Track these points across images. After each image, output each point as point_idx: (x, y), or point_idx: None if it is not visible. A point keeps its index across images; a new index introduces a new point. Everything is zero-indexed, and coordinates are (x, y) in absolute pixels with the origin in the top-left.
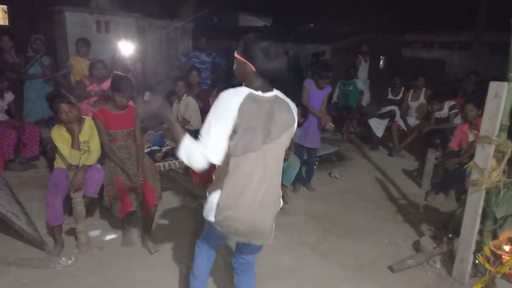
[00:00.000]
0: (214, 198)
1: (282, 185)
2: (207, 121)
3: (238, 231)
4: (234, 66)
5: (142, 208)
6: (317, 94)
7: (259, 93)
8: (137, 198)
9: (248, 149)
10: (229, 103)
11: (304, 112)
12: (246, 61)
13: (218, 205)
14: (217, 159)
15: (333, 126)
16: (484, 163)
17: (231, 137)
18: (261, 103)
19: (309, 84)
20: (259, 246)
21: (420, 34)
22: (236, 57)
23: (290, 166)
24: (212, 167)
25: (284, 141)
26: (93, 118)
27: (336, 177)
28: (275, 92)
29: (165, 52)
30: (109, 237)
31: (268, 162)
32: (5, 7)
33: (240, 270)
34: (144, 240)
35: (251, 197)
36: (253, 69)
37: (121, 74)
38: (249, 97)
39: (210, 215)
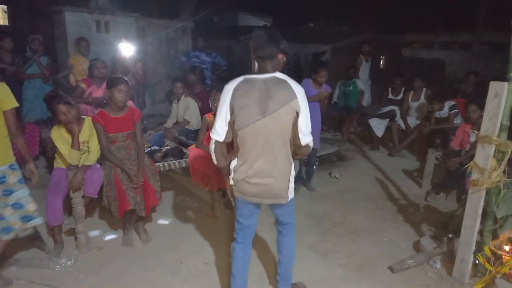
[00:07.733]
0: (232, 164)
1: None
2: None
3: (251, 192)
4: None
5: (143, 208)
6: (315, 92)
7: (254, 76)
8: (135, 197)
9: (245, 123)
10: (225, 92)
11: None
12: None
13: (233, 169)
14: (221, 138)
15: (329, 92)
16: (484, 163)
17: (232, 117)
18: (254, 83)
19: (305, 84)
20: (282, 205)
21: (420, 34)
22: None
23: None
24: (211, 167)
25: (283, 115)
26: (92, 122)
27: (336, 177)
28: (274, 74)
29: (165, 52)
30: (109, 237)
31: (269, 132)
32: (5, 7)
33: (280, 232)
34: (137, 228)
35: (254, 162)
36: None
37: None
38: (243, 81)
39: (231, 179)
